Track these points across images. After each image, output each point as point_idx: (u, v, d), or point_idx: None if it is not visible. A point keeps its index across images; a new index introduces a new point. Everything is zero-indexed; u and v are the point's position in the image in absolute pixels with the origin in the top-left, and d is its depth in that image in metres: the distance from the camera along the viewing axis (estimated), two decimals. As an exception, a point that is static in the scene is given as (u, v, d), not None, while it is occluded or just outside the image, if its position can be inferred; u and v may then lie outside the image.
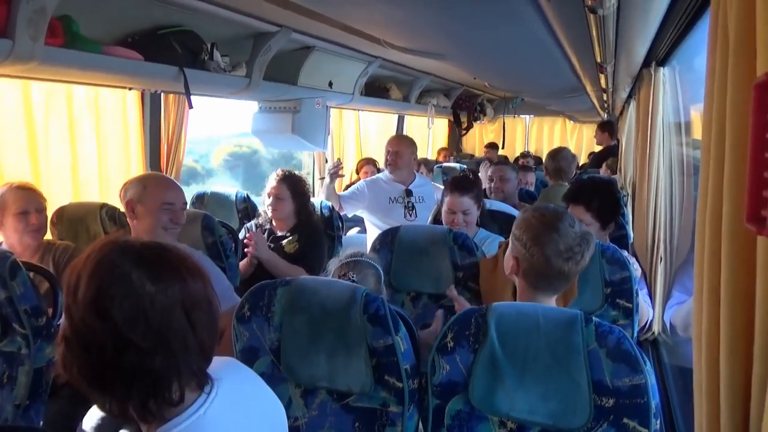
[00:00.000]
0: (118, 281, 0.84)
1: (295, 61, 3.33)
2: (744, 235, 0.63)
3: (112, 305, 0.83)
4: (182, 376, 0.87)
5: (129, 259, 0.86)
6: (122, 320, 0.83)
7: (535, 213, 1.51)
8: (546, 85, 3.64)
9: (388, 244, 2.17)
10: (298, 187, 2.79)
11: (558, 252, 1.44)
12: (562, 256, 1.44)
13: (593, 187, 2.34)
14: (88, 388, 0.87)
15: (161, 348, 0.85)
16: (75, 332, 0.85)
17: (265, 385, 1.08)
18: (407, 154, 3.18)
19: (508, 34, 1.88)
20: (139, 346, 0.84)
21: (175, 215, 1.99)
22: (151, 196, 1.96)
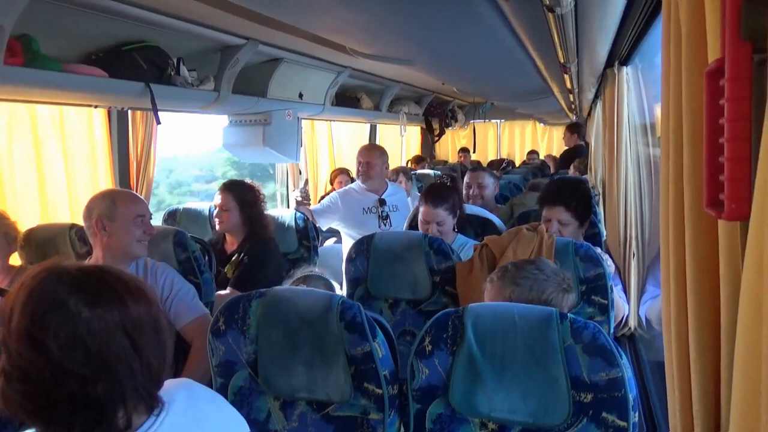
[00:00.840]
0: (52, 309, 0.81)
1: (263, 74, 3.32)
2: (705, 220, 0.64)
3: (47, 335, 0.80)
4: (128, 402, 0.85)
5: (65, 286, 0.83)
6: (59, 349, 0.80)
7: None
8: (513, 87, 3.69)
9: (363, 251, 2.17)
10: (246, 197, 2.68)
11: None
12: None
13: (570, 186, 2.38)
14: (31, 420, 0.84)
15: (103, 374, 0.82)
16: (12, 364, 0.82)
17: (225, 404, 1.05)
18: (379, 164, 3.19)
19: (472, 36, 1.90)
20: (80, 374, 0.81)
21: (147, 227, 1.99)
22: (122, 210, 1.94)
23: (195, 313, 1.96)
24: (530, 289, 1.49)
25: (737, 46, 0.52)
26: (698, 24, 0.64)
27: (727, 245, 0.59)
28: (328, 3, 1.48)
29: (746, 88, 0.51)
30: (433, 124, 7.30)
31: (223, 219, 2.65)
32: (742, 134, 0.52)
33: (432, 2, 1.47)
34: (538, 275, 1.51)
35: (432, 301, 2.10)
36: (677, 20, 0.71)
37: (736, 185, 0.52)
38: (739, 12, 0.51)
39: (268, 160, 4.01)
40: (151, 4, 2.19)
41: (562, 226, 2.25)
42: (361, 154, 3.21)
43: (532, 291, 1.49)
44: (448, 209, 2.39)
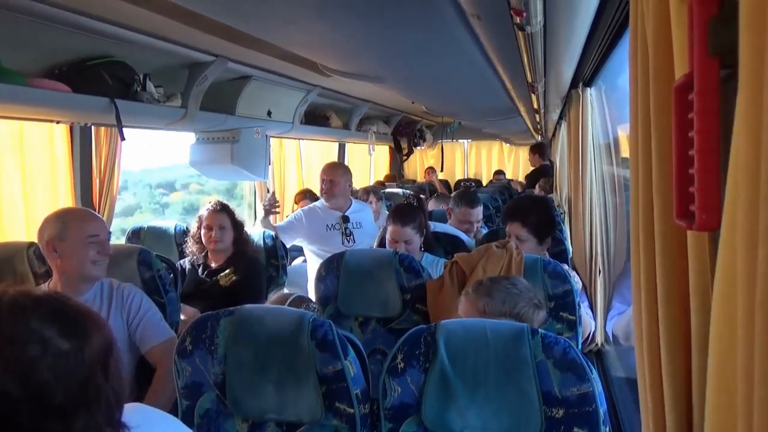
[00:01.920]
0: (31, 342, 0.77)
1: (232, 91, 3.30)
2: (675, 231, 0.65)
3: (32, 370, 0.75)
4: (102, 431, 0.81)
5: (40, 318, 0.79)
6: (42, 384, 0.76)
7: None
8: (481, 106, 3.75)
9: (334, 269, 2.15)
10: (235, 217, 2.80)
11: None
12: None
13: (528, 203, 2.42)
14: None
15: (82, 408, 0.78)
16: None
17: (180, 427, 1.02)
18: (342, 182, 3.20)
19: (443, 54, 1.92)
20: (60, 408, 0.77)
21: (102, 247, 1.90)
22: (73, 230, 1.86)
23: (162, 336, 1.91)
24: (503, 302, 1.53)
25: (705, 61, 0.53)
26: (665, 39, 0.66)
27: (698, 256, 0.60)
28: (301, 19, 1.48)
29: (714, 102, 0.53)
30: (401, 143, 7.36)
31: (221, 238, 2.72)
32: (711, 146, 0.53)
33: (404, 20, 1.49)
34: (512, 289, 1.55)
35: (403, 319, 2.09)
36: (644, 36, 0.73)
37: (707, 196, 0.53)
38: (707, 28, 0.52)
39: (236, 178, 3.96)
40: (118, 19, 2.16)
41: (519, 242, 2.28)
42: (325, 172, 3.22)
43: (506, 304, 1.52)
44: (415, 228, 2.42)
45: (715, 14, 0.53)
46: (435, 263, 2.44)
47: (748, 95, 0.42)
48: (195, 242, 2.74)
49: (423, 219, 2.50)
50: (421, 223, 2.46)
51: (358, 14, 1.43)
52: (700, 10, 0.53)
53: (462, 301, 1.59)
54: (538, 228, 2.31)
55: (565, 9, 1.25)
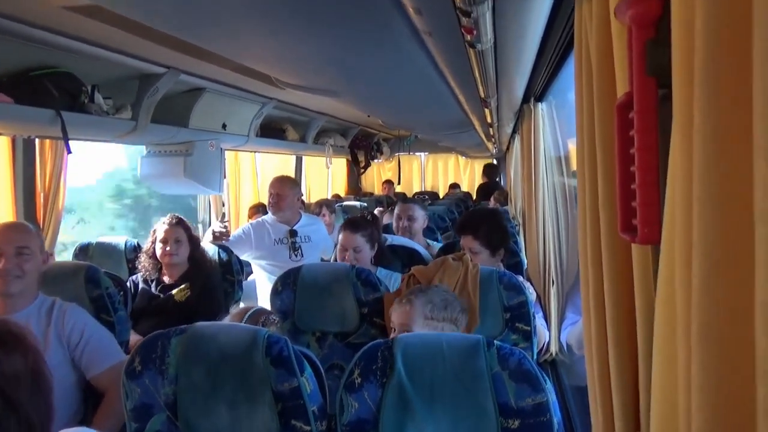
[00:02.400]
0: None
1: (185, 103, 3.24)
2: (620, 244, 0.67)
3: None
4: None
5: None
6: None
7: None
8: (436, 119, 3.80)
9: (290, 284, 2.12)
10: (191, 231, 2.76)
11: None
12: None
13: (480, 216, 2.47)
14: None
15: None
16: None
17: None
18: (290, 195, 3.18)
19: (396, 69, 1.94)
20: None
21: (7, 261, 1.76)
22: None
23: (110, 361, 1.83)
24: (445, 308, 1.66)
25: (643, 81, 0.55)
26: (607, 60, 0.69)
27: (641, 268, 0.62)
28: (254, 33, 1.47)
29: (653, 120, 0.55)
30: (359, 156, 7.38)
31: (177, 251, 2.67)
32: (651, 163, 0.55)
33: (358, 35, 1.50)
34: (448, 296, 1.71)
35: (360, 333, 2.08)
36: (588, 57, 0.76)
37: (647, 211, 0.55)
38: (644, 50, 0.55)
39: (190, 191, 3.89)
40: (65, 29, 2.10)
41: (473, 255, 2.31)
42: (272, 185, 3.20)
43: (447, 310, 1.67)
44: (365, 236, 2.44)
45: (652, 37, 0.55)
46: (389, 277, 2.44)
47: (681, 114, 0.44)
48: (148, 257, 2.67)
49: (375, 232, 2.51)
50: (373, 235, 2.47)
51: (311, 29, 1.44)
52: (638, 33, 0.56)
53: (401, 307, 1.65)
54: (490, 240, 2.35)
55: (514, 27, 1.29)
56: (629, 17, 0.58)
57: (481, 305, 1.96)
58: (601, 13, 0.73)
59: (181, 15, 1.36)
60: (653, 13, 0.56)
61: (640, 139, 0.56)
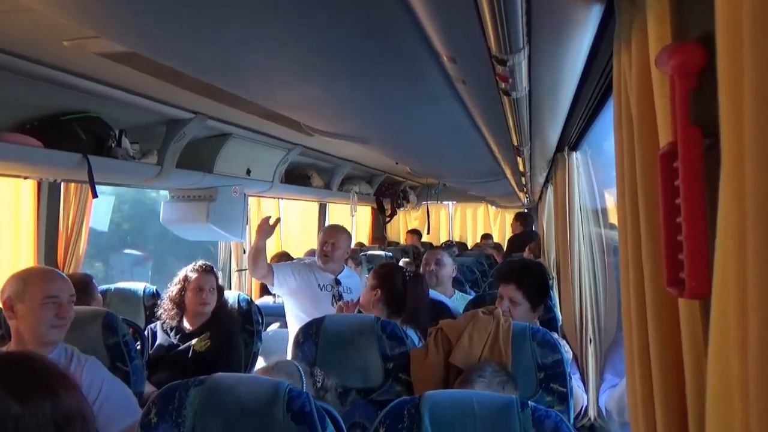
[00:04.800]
0: None
1: (210, 148, 3.34)
2: (666, 299, 0.66)
3: None
4: None
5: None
6: None
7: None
8: (466, 168, 3.83)
9: (312, 336, 2.12)
10: (218, 278, 2.82)
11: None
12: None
13: (524, 266, 2.44)
14: None
15: None
16: None
17: None
18: (343, 247, 3.20)
19: (428, 117, 1.98)
20: None
21: (61, 309, 1.84)
22: (32, 290, 1.82)
23: (128, 419, 1.82)
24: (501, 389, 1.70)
25: (688, 130, 0.56)
26: (648, 109, 0.70)
27: (690, 323, 0.61)
28: (284, 78, 1.53)
29: (699, 170, 0.56)
30: (384, 204, 7.43)
31: (210, 301, 2.74)
32: (698, 213, 0.55)
33: (391, 82, 1.54)
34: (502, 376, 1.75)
35: (384, 390, 2.05)
36: (628, 106, 0.77)
37: (696, 263, 0.55)
38: (688, 99, 0.56)
39: (212, 237, 3.95)
40: (95, 75, 2.21)
41: (512, 305, 2.28)
42: (328, 234, 3.20)
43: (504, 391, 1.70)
44: (372, 279, 2.52)
45: (696, 86, 0.56)
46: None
47: (730, 165, 0.44)
48: (173, 303, 2.70)
49: (396, 280, 2.52)
50: (381, 278, 2.52)
51: (344, 75, 1.49)
52: (681, 82, 0.57)
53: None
54: (534, 293, 2.32)
55: (550, 75, 1.32)
56: (671, 67, 0.59)
57: (513, 363, 1.93)
58: (640, 62, 0.74)
59: (213, 61, 1.42)
60: (696, 63, 0.57)
61: (686, 189, 0.56)
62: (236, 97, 2.17)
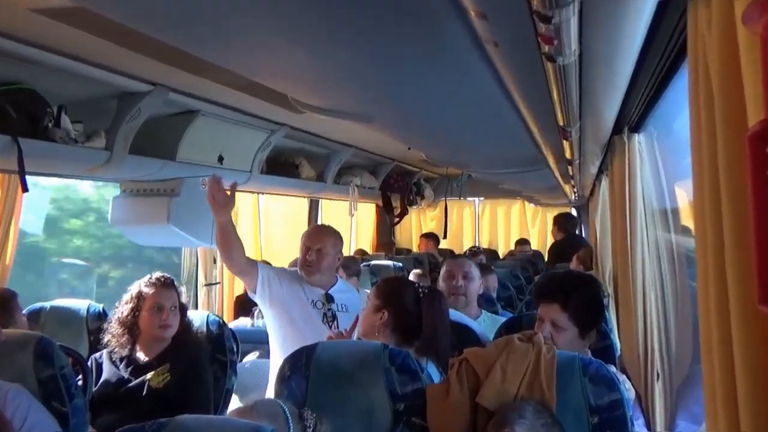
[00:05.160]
0: None
1: (173, 130, 3.35)
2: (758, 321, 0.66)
3: None
4: None
5: None
6: None
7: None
8: (498, 154, 3.82)
9: (301, 368, 2.12)
10: (181, 296, 2.81)
11: None
12: None
13: (570, 281, 2.42)
14: None
15: None
16: None
17: None
18: (332, 254, 3.17)
19: (450, 88, 1.98)
20: None
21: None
22: None
23: None
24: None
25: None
26: (733, 78, 0.70)
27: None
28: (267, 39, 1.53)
29: (800, 156, 0.55)
30: (392, 201, 7.44)
31: (172, 323, 2.73)
32: (800, 212, 0.55)
33: (403, 43, 1.54)
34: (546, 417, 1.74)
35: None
36: (707, 73, 0.77)
37: (796, 276, 0.55)
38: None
39: (174, 243, 3.96)
40: (29, 36, 2.21)
41: (555, 331, 2.27)
42: (310, 238, 3.19)
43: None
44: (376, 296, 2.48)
45: (796, 49, 0.56)
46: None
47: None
48: (123, 327, 2.70)
49: (407, 297, 2.50)
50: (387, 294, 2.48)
51: (343, 37, 1.49)
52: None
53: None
54: (583, 314, 2.31)
55: (605, 36, 1.31)
56: (763, 25, 0.59)
57: (558, 404, 1.92)
58: (722, 19, 0.74)
59: (178, 18, 1.42)
60: (798, 19, 0.57)
61: (784, 181, 0.56)
62: (206, 65, 2.17)
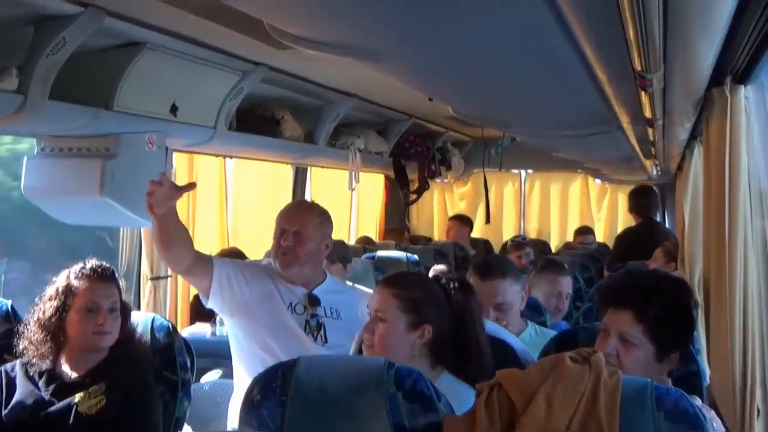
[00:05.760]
0: None
1: (109, 68, 3.37)
2: None
3: None
4: None
5: None
6: None
7: None
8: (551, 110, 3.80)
9: (276, 391, 2.14)
10: (122, 293, 2.85)
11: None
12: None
13: (653, 283, 2.42)
14: None
15: None
16: None
17: None
18: (316, 238, 3.19)
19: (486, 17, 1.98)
20: None
21: None
22: None
23: None
24: None
25: None
26: None
27: None
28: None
29: None
30: (408, 171, 7.43)
31: (111, 327, 2.75)
32: None
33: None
34: None
35: (400, 489, 2.08)
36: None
37: None
38: None
39: (109, 221, 3.98)
40: None
41: (624, 347, 2.29)
42: (286, 217, 3.20)
43: None
44: (405, 299, 2.45)
45: None
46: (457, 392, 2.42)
47: None
48: (44, 332, 2.72)
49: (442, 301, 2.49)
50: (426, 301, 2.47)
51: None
52: None
53: None
54: (665, 329, 2.32)
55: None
56: None
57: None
58: None
59: None
60: None
61: None
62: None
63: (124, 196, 3.59)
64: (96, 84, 3.32)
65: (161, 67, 3.52)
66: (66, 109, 3.15)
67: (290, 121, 5.04)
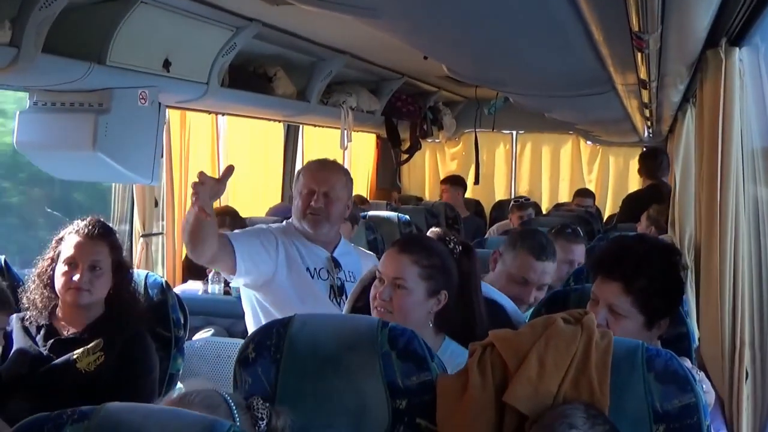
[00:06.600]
0: None
1: (102, 22, 3.34)
2: None
3: None
4: None
5: None
6: None
7: None
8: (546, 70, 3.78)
9: (270, 349, 2.15)
10: (120, 251, 2.84)
11: None
12: None
13: (641, 252, 2.42)
14: None
15: None
16: None
17: None
18: (344, 197, 3.20)
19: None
20: None
21: None
22: None
23: None
24: None
25: None
26: None
27: None
28: None
29: None
30: (400, 131, 7.41)
31: (88, 284, 2.71)
32: None
33: None
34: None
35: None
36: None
37: None
38: None
39: (101, 177, 3.97)
40: None
41: (613, 318, 2.30)
42: (315, 177, 3.18)
43: None
44: (423, 266, 2.43)
45: None
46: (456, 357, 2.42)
47: None
48: (41, 286, 2.72)
49: (450, 264, 2.49)
50: (444, 268, 2.46)
51: None
52: None
53: None
54: (654, 300, 2.33)
55: None
56: None
57: (612, 408, 1.95)
58: None
59: None
60: None
61: None
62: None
63: (117, 152, 3.58)
64: (89, 38, 3.30)
65: (154, 22, 3.49)
66: (59, 62, 3.13)
67: (283, 78, 5.03)
